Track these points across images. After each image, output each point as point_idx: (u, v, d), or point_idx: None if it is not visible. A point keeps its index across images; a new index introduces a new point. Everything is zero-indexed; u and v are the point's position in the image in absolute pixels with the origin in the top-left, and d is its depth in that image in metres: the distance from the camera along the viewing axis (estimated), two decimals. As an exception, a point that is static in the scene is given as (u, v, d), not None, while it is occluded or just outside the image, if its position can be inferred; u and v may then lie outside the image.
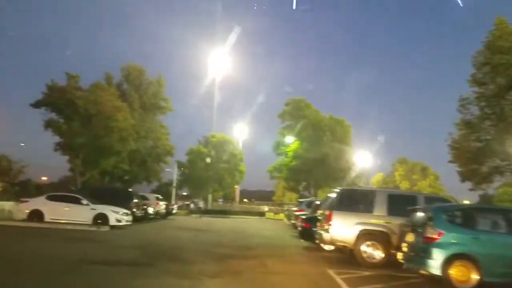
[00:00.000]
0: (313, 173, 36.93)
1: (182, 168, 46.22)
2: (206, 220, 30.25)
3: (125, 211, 18.06)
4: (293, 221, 21.14)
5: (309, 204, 20.29)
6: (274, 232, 20.87)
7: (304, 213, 17.92)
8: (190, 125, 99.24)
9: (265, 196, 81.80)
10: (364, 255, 10.29)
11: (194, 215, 37.10)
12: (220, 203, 61.40)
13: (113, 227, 16.76)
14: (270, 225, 27.50)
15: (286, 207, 45.97)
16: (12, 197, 23.63)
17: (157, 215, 26.17)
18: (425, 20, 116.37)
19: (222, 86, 50.68)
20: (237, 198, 57.92)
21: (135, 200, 21.18)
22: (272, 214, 43.80)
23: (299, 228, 14.17)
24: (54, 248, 10.61)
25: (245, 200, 75.93)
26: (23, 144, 77.72)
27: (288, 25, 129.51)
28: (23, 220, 16.29)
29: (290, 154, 37.91)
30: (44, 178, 62.02)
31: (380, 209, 10.62)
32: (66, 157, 32.63)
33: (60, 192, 18.95)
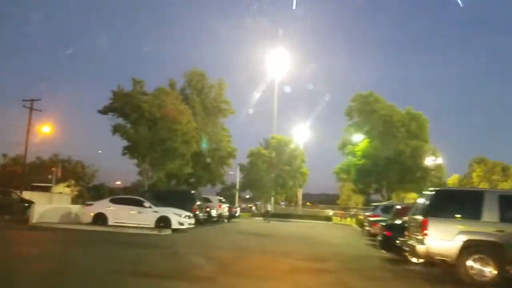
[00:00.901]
0: (385, 174, 33.78)
1: (242, 171, 45.70)
2: (272, 224, 28.96)
3: (188, 213, 17.37)
4: (367, 228, 18.94)
5: (386, 209, 18.06)
6: (345, 240, 18.85)
7: (380, 219, 15.79)
8: (250, 127, 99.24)
9: (328, 200, 78.91)
10: (471, 271, 8.15)
11: (257, 218, 36.12)
12: (283, 206, 60.04)
13: (175, 230, 16.10)
14: (339, 231, 25.36)
15: (353, 211, 43.30)
16: (86, 200, 24.54)
17: (220, 218, 25.47)
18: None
19: (282, 87, 49.51)
20: (300, 201, 56.15)
21: (198, 203, 20.53)
22: (338, 218, 41.37)
23: (379, 238, 12.15)
24: (109, 256, 9.87)
25: (308, 203, 73.70)
26: (100, 151, 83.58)
27: (346, 20, 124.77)
28: (88, 224, 16.24)
29: (359, 153, 35.19)
30: (118, 183, 65.73)
31: (489, 215, 8.40)
32: (135, 161, 33.51)
33: (123, 195, 18.81)
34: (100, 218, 16.41)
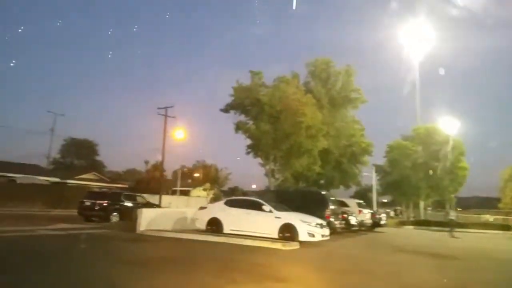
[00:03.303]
0: None
1: (378, 172, 38.82)
2: (440, 236, 22.27)
3: (319, 221, 13.10)
4: None
5: None
6: None
7: None
8: (386, 119, 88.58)
9: (481, 203, 65.38)
10: None
11: (408, 227, 29.60)
12: (429, 211, 50.56)
13: (303, 243, 12.01)
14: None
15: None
16: None
17: (361, 227, 20.38)
18: None
19: (422, 71, 41.27)
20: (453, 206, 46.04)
21: (332, 207, 16.04)
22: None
23: None
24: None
25: (458, 208, 61.20)
26: (238, 158, 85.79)
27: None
28: (202, 231, 13.39)
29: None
30: (253, 186, 65.74)
31: None
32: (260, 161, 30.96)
33: (239, 195, 15.55)
34: (214, 224, 13.44)
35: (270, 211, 13.02)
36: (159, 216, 14.67)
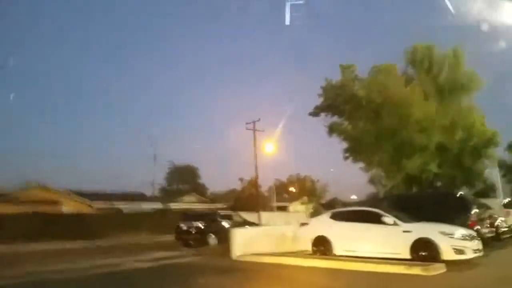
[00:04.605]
0: None
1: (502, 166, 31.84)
2: None
3: (466, 231, 9.57)
4: None
5: None
6: None
7: None
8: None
9: None
10: None
11: None
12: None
13: (449, 263, 8.62)
14: None
15: None
16: None
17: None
18: None
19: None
20: None
21: (475, 210, 12.10)
22: None
23: None
24: None
25: None
26: (331, 170, 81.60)
27: None
28: (308, 254, 10.82)
29: None
30: (353, 197, 61.02)
31: None
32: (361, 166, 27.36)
33: (348, 206, 12.63)
34: (321, 244, 10.78)
35: (395, 224, 9.90)
36: (255, 237, 12.50)
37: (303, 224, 11.96)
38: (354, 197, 61.07)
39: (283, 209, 51.09)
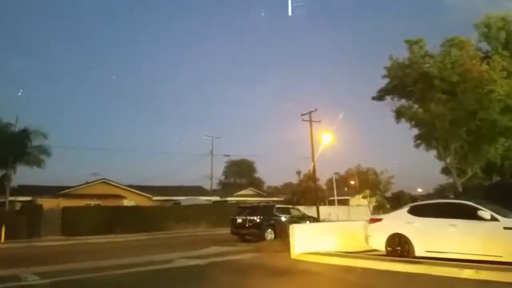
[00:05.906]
0: None
1: None
2: None
3: None
4: None
5: None
6: None
7: None
8: None
9: None
10: None
11: None
12: None
13: None
14: None
15: None
16: (387, 212, 18.11)
17: None
18: None
19: None
20: None
21: None
22: None
23: None
24: None
25: None
26: (395, 161, 76.62)
27: None
28: (382, 254, 9.20)
29: None
30: (419, 190, 56.61)
31: None
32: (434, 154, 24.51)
33: (432, 199, 10.69)
34: (398, 244, 9.09)
35: (493, 219, 7.94)
36: (317, 233, 11.04)
37: (374, 220, 10.27)
38: (420, 190, 56.60)
39: (343, 202, 48.66)
